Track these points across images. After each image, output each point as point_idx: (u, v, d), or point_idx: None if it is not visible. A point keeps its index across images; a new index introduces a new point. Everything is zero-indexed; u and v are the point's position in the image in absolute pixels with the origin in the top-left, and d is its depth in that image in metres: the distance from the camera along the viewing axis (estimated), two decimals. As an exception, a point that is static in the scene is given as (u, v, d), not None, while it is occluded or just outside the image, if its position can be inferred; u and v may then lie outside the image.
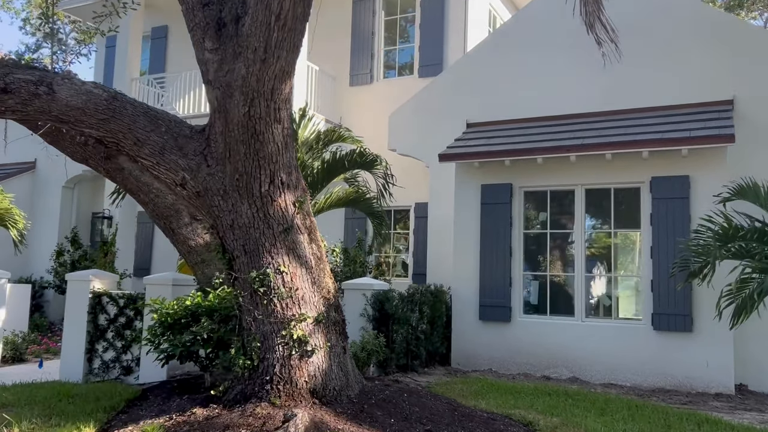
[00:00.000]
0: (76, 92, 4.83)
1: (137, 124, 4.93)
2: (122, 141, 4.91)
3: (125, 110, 4.94)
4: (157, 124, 5.02)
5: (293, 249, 5.03)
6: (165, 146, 4.99)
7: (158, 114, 5.12)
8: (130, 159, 7.27)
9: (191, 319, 6.13)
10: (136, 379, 8.12)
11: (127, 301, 8.39)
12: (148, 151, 4.94)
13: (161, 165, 4.97)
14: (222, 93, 4.84)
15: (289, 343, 4.89)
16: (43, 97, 4.70)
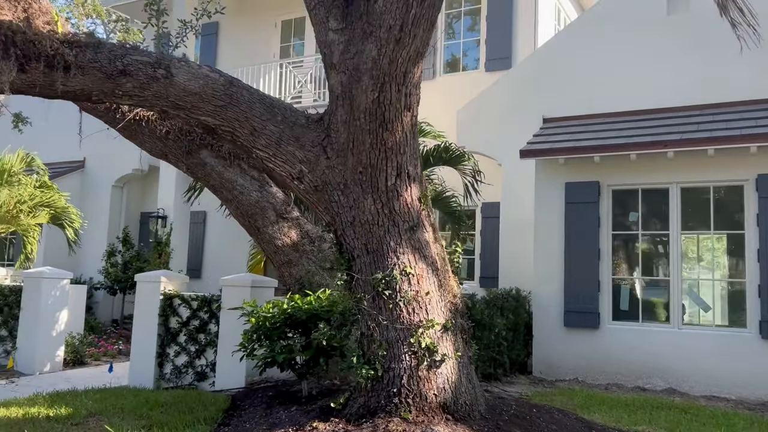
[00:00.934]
0: (193, 76, 4.44)
1: (254, 111, 4.53)
2: (238, 130, 4.51)
3: (242, 97, 4.55)
4: (273, 112, 4.61)
5: (419, 248, 4.59)
6: (282, 137, 4.58)
7: (274, 102, 4.72)
8: (215, 153, 6.91)
9: (289, 325, 5.73)
10: (212, 386, 7.74)
11: (201, 303, 8.02)
12: (264, 142, 4.54)
13: (278, 157, 4.56)
14: (348, 77, 4.42)
15: (417, 351, 4.44)
16: (161, 81, 4.32)
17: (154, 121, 7.01)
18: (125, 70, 4.20)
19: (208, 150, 7.04)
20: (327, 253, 6.84)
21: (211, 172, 6.97)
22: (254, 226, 6.89)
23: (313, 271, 6.71)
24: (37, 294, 9.33)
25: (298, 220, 6.94)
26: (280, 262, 6.82)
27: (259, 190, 6.96)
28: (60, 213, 11.42)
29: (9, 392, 7.89)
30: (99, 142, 15.39)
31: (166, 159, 7.15)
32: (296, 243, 6.79)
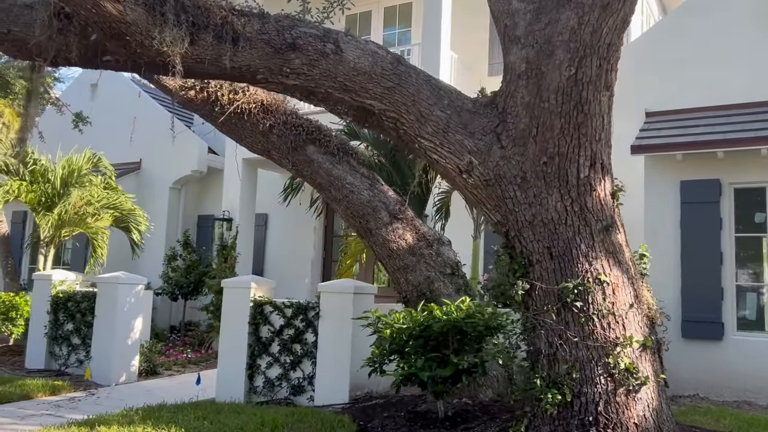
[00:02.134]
0: (362, 52, 3.87)
1: (421, 95, 3.95)
2: (403, 116, 3.93)
3: (410, 78, 3.97)
4: (439, 95, 4.02)
5: (613, 252, 3.96)
6: (449, 123, 3.98)
7: (440, 84, 4.13)
8: (323, 149, 6.34)
9: (424, 337, 5.12)
10: (310, 401, 7.15)
11: (296, 311, 7.45)
12: (431, 130, 3.95)
13: (444, 147, 3.97)
14: (536, 52, 3.81)
15: (614, 373, 3.80)
16: (331, 57, 3.76)
17: (256, 114, 6.45)
18: (294, 43, 3.64)
19: (315, 145, 6.46)
20: (446, 257, 6.22)
21: (318, 170, 6.40)
22: (366, 227, 6.29)
23: (433, 277, 6.09)
24: (112, 300, 8.85)
25: (413, 221, 6.33)
26: (395, 267, 6.21)
27: (370, 188, 6.37)
28: (126, 215, 10.97)
29: (93, 405, 7.40)
30: (155, 143, 15.10)
31: (269, 155, 6.59)
32: (412, 246, 6.17)
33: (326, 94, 4.01)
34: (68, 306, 9.50)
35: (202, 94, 6.58)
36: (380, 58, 3.91)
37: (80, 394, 7.98)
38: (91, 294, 9.29)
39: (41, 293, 9.77)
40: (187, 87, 6.56)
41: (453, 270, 6.15)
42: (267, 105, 6.50)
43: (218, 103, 6.53)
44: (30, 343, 9.73)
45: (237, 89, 6.54)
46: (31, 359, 9.62)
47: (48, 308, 9.61)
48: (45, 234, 10.42)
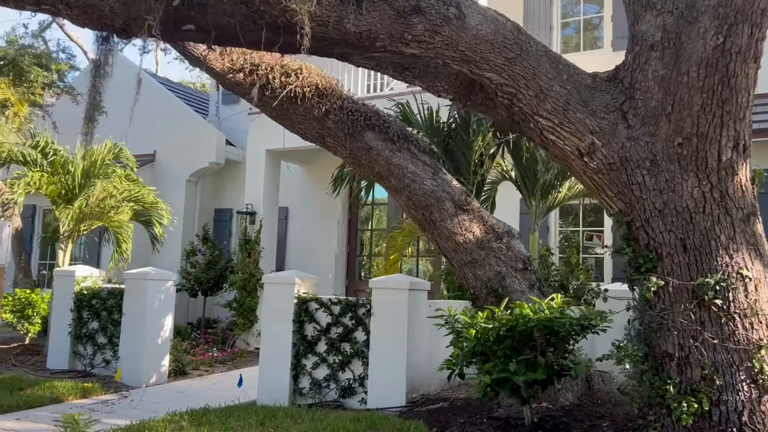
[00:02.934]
0: (483, 18, 3.46)
1: (540, 68, 3.55)
2: (522, 91, 3.53)
3: (530, 48, 3.57)
4: (557, 69, 3.62)
5: (754, 244, 3.58)
6: (569, 100, 3.59)
7: (557, 57, 3.73)
8: (382, 136, 5.93)
9: (510, 338, 4.72)
10: (362, 403, 6.76)
11: (345, 308, 7.04)
12: (549, 107, 3.55)
13: (564, 126, 3.57)
14: (675, 18, 3.42)
15: (758, 379, 3.43)
16: (453, 23, 3.36)
17: (311, 99, 6.03)
18: (418, 5, 3.23)
19: (373, 132, 6.04)
20: (517, 251, 5.82)
21: (377, 158, 5.98)
22: (429, 219, 5.88)
23: (505, 272, 5.69)
24: (141, 297, 8.41)
25: (480, 213, 5.93)
26: (462, 261, 5.81)
27: (432, 177, 5.96)
28: (149, 208, 10.52)
29: (129, 409, 6.98)
30: (170, 135, 14.64)
31: (323, 143, 6.17)
32: (480, 239, 5.78)
33: (441, 66, 3.59)
34: (93, 303, 9.05)
35: (252, 77, 6.16)
36: (501, 25, 3.50)
37: (112, 397, 7.55)
38: (118, 291, 8.85)
39: (63, 290, 9.31)
40: (235, 69, 6.15)
41: (525, 264, 5.76)
42: (322, 89, 6.08)
43: (269, 86, 6.11)
44: (51, 343, 9.27)
45: (289, 71, 6.12)
46: (53, 359, 9.17)
47: (71, 306, 9.16)
48: (65, 228, 9.95)
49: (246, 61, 6.13)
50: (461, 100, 4.26)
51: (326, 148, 6.29)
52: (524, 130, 3.83)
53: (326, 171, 13.35)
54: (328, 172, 13.34)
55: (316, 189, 13.43)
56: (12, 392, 7.31)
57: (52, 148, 9.67)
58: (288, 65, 6.17)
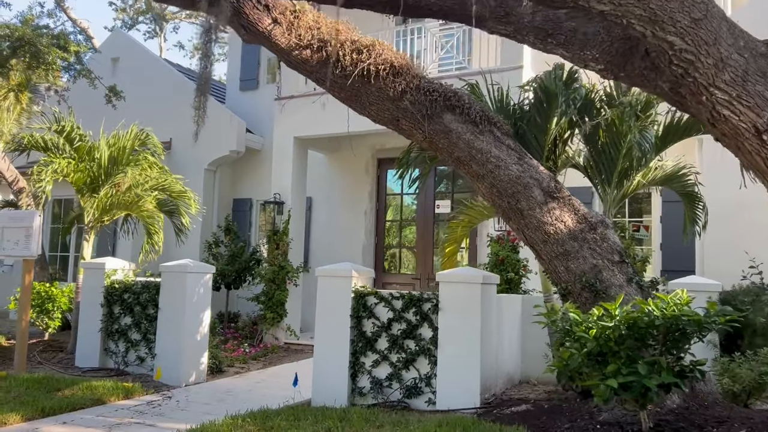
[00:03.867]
0: None
1: (721, 32, 3.13)
2: (700, 59, 3.11)
3: (713, 10, 3.14)
4: (734, 35, 3.21)
5: None
6: (747, 70, 3.18)
7: (732, 22, 3.31)
8: (462, 118, 5.49)
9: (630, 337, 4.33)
10: (429, 404, 6.35)
11: (408, 303, 6.61)
12: (728, 78, 3.14)
13: (742, 99, 3.17)
14: None
15: None
16: None
17: (385, 78, 5.57)
18: None
19: (453, 113, 5.60)
20: (612, 242, 5.42)
21: (457, 141, 5.55)
22: (516, 208, 5.46)
23: (601, 265, 5.28)
24: (180, 291, 7.93)
25: (571, 201, 5.51)
26: (553, 254, 5.39)
27: (518, 162, 5.53)
28: (176, 197, 10.01)
29: (178, 411, 6.53)
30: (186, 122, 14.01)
31: (397, 125, 5.72)
32: (572, 230, 5.37)
33: (623, 27, 3.16)
34: (125, 298, 8.56)
35: (320, 54, 5.70)
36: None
37: (155, 397, 7.09)
38: (153, 284, 8.37)
39: (92, 283, 8.82)
40: (302, 45, 5.68)
41: (621, 257, 5.36)
42: (398, 67, 5.62)
43: (339, 64, 5.65)
44: (80, 339, 8.78)
45: (361, 48, 5.67)
46: (82, 356, 8.68)
47: (101, 300, 8.67)
48: (89, 218, 9.43)
49: (314, 36, 5.67)
50: (613, 71, 3.84)
51: (399, 131, 5.84)
52: (689, 104, 3.41)
53: (351, 159, 12.91)
54: (353, 161, 12.93)
55: (341, 178, 12.99)
56: (49, 393, 6.83)
57: (77, 134, 9.12)
58: (359, 41, 5.71)
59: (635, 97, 6.20)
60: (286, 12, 5.64)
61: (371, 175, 12.68)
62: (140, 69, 14.69)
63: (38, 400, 6.46)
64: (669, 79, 3.39)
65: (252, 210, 14.02)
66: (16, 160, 11.02)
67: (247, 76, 14.45)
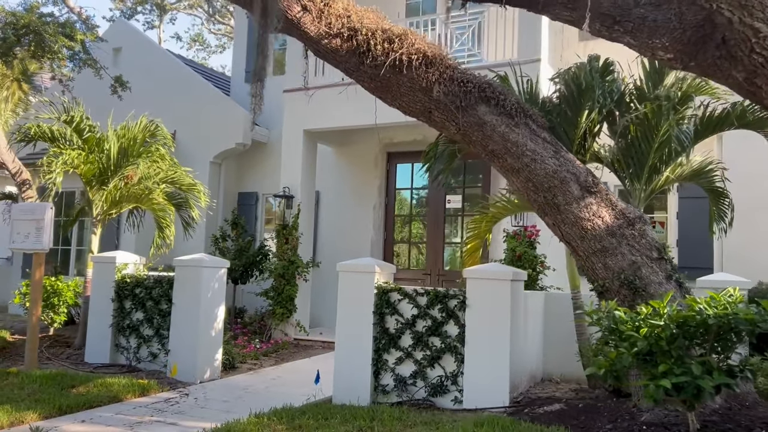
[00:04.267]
0: None
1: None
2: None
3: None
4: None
5: None
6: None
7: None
8: (497, 110, 5.36)
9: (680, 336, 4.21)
10: (456, 403, 6.22)
11: (433, 300, 6.48)
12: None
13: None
14: None
15: None
16: None
17: (418, 68, 5.41)
18: None
19: (487, 105, 5.45)
20: (651, 238, 5.30)
21: (491, 134, 5.40)
22: (552, 203, 5.32)
23: (640, 262, 5.16)
24: (195, 286, 7.76)
25: (608, 196, 5.38)
26: (590, 250, 5.26)
27: (554, 156, 5.40)
28: (186, 190, 9.83)
29: (197, 408, 6.38)
30: (191, 114, 13.85)
31: (429, 117, 5.57)
32: (610, 225, 5.24)
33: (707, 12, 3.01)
34: (136, 293, 8.38)
35: (350, 42, 5.53)
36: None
37: (172, 395, 6.93)
38: (165, 279, 8.19)
39: (102, 278, 8.62)
40: (332, 34, 5.52)
41: (660, 253, 5.24)
42: (431, 57, 5.47)
43: (369, 54, 5.48)
44: (90, 335, 8.59)
45: (392, 37, 5.51)
46: (92, 352, 8.50)
47: (112, 295, 8.48)
48: (98, 210, 9.23)
49: (344, 25, 5.50)
50: (683, 61, 3.69)
51: (430, 123, 5.69)
52: (764, 96, 3.28)
53: (359, 153, 12.75)
54: (361, 155, 12.76)
55: (350, 172, 12.82)
56: (63, 390, 6.66)
57: (87, 125, 8.91)
58: (390, 30, 5.55)
59: (672, 91, 6.08)
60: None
61: (380, 169, 12.52)
62: (143, 60, 14.44)
63: (54, 397, 6.29)
64: (746, 68, 3.26)
65: (258, 204, 13.84)
66: (18, 152, 10.79)
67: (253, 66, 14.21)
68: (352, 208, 12.58)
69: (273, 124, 13.72)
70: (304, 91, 11.55)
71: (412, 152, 12.29)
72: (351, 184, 12.72)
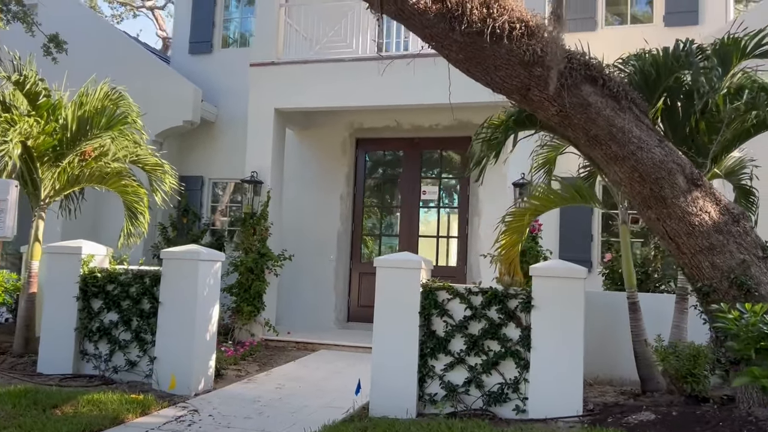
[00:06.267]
0: None
1: None
2: None
3: None
4: None
5: None
6: None
7: None
8: (603, 91, 4.85)
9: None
10: (519, 412, 5.68)
11: (489, 299, 5.87)
12: None
13: None
14: None
15: None
16: None
17: (519, 38, 4.75)
18: None
19: (592, 85, 4.90)
20: (755, 236, 5.00)
21: (596, 117, 4.86)
22: (659, 195, 4.88)
23: (749, 261, 4.85)
24: (190, 283, 6.63)
25: (713, 190, 5.02)
26: (698, 247, 4.88)
27: (660, 145, 4.95)
28: (150, 171, 8.53)
29: (219, 428, 5.36)
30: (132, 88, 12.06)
31: (524, 95, 4.92)
32: (717, 222, 4.89)
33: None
34: (108, 290, 7.08)
35: (439, 4, 4.78)
36: None
37: (179, 412, 5.83)
38: (149, 273, 6.98)
39: (60, 272, 7.21)
40: (420, -7, 4.73)
41: (765, 251, 4.96)
42: (532, 27, 4.83)
43: (464, 18, 4.76)
44: (45, 340, 7.15)
45: (490, 2, 4.81)
46: (49, 361, 7.08)
47: (76, 293, 7.11)
48: (47, 192, 7.74)
49: (436, -18, 4.74)
50: None
51: (524, 102, 5.06)
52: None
53: (325, 138, 11.84)
54: (327, 140, 11.85)
55: (315, 158, 11.89)
56: (46, 411, 5.38)
57: (43, 88, 7.39)
58: (488, -6, 4.85)
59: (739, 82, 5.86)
60: (409, -51, 4.66)
61: (349, 156, 11.69)
62: (69, 22, 12.56)
63: (43, 423, 5.02)
64: None
65: (204, 189, 12.51)
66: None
67: (199, 37, 12.84)
68: (317, 197, 11.66)
69: (222, 101, 12.49)
70: (272, 65, 10.56)
71: (384, 139, 11.61)
72: (316, 172, 11.79)
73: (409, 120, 11.29)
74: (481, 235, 10.67)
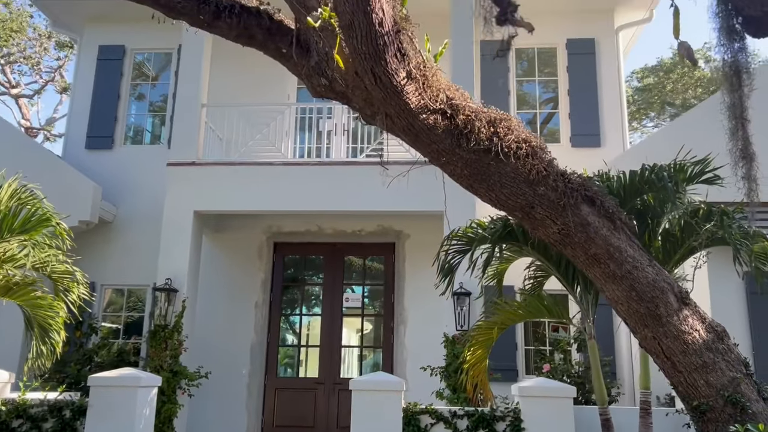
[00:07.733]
0: None
1: None
2: None
3: None
4: None
5: None
6: None
7: None
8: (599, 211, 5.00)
9: None
10: None
11: (476, 423, 5.57)
12: None
13: None
14: None
15: None
16: None
17: (524, 158, 4.78)
18: None
19: (591, 205, 4.98)
20: (737, 352, 5.17)
21: (594, 237, 4.91)
22: (655, 314, 4.95)
23: (738, 378, 4.98)
24: (128, 414, 5.69)
25: (697, 308, 5.19)
26: (692, 366, 4.94)
27: (650, 264, 5.08)
28: (56, 279, 7.46)
29: None
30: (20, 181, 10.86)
31: (528, 213, 4.87)
32: (705, 339, 5.01)
33: None
34: (14, 427, 5.87)
35: (448, 121, 4.75)
36: None
37: None
38: (67, 404, 5.90)
39: (-51, 406, 5.90)
40: (430, 109, 4.70)
41: (746, 368, 5.15)
42: (537, 147, 4.91)
43: (472, 136, 4.75)
44: None
45: (494, 120, 4.86)
46: None
47: (-31, 431, 5.82)
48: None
49: (448, 99, 4.71)
50: None
51: (526, 220, 5.02)
52: None
53: (240, 242, 11.21)
54: (240, 244, 11.23)
55: (226, 263, 11.16)
56: None
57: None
58: (489, 112, 4.89)
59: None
60: (421, 66, 4.61)
61: (266, 262, 11.10)
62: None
63: None
64: None
65: (96, 297, 11.19)
66: None
67: (99, 132, 11.93)
68: (229, 306, 10.84)
69: (122, 201, 11.53)
70: (192, 165, 9.98)
71: (304, 243, 11.21)
72: (228, 277, 11.03)
73: (331, 225, 11.04)
74: (407, 344, 10.40)
